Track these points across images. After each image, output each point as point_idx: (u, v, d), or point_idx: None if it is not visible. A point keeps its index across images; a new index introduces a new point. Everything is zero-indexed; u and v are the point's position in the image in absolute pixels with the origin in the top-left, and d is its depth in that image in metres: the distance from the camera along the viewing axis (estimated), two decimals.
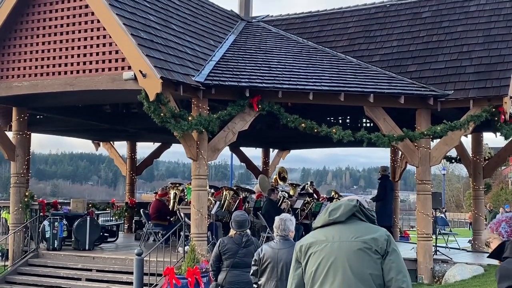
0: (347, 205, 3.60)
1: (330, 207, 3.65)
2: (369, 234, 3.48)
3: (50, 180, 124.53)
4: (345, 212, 3.57)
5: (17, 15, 11.96)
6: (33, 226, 13.58)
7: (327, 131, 11.77)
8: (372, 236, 3.46)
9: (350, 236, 3.48)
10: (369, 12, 15.89)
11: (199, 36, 13.57)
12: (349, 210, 3.57)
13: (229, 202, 14.38)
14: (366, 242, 3.44)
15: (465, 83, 12.50)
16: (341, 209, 3.59)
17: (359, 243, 3.44)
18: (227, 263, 7.31)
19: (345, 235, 3.50)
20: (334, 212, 3.59)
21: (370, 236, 3.46)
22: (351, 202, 3.61)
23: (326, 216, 3.62)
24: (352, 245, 3.44)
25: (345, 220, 3.56)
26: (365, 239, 3.45)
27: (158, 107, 10.57)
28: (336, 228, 3.56)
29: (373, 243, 3.43)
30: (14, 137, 13.61)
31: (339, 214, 3.57)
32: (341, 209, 3.59)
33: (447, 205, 56.13)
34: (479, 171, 15.75)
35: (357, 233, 3.49)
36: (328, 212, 3.62)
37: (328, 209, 3.64)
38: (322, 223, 3.63)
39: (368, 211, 3.63)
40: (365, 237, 3.46)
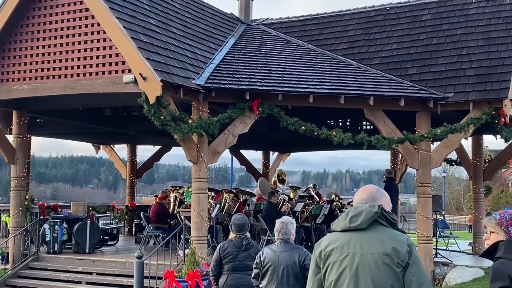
0: (369, 211, 3.44)
1: (351, 212, 3.49)
2: (391, 245, 3.36)
3: (50, 183, 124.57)
4: (367, 219, 3.42)
5: (18, 18, 11.97)
6: (33, 230, 13.57)
7: (327, 133, 11.77)
8: (394, 247, 3.35)
9: (372, 248, 3.36)
10: (369, 15, 15.90)
11: (199, 39, 13.59)
12: (370, 217, 3.43)
13: (229, 205, 14.38)
14: (388, 254, 3.33)
15: (465, 85, 12.50)
16: (362, 215, 3.44)
17: (381, 256, 3.33)
18: (227, 267, 7.31)
19: (367, 245, 3.38)
20: (355, 218, 3.44)
21: (392, 248, 3.34)
22: (373, 209, 3.45)
23: (347, 222, 3.47)
24: (374, 258, 3.34)
25: (367, 227, 3.43)
26: (386, 252, 3.33)
27: (158, 110, 10.58)
28: (357, 236, 3.43)
29: (395, 256, 3.33)
30: (14, 141, 13.62)
31: (361, 221, 3.43)
32: (362, 216, 3.43)
33: (447, 207, 56.14)
34: (479, 174, 15.74)
35: (379, 243, 3.37)
36: (348, 218, 3.47)
37: (348, 214, 3.49)
38: (342, 228, 3.50)
39: (389, 215, 3.48)
40: (387, 249, 3.35)
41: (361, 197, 3.60)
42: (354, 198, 3.67)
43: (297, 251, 6.30)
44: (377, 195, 3.58)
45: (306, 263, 6.21)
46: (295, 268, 6.19)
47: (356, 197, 3.65)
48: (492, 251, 3.73)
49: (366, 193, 3.60)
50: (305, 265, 6.20)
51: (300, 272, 6.21)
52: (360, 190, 3.68)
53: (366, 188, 3.68)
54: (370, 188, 3.66)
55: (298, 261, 6.20)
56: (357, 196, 3.65)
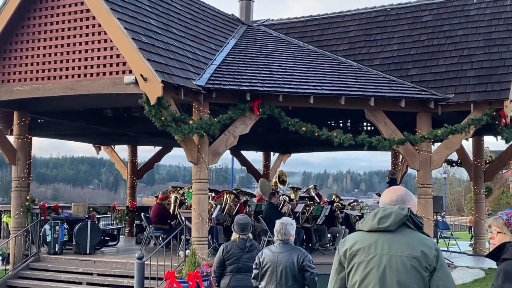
0: (398, 214, 3.40)
1: (380, 213, 3.44)
2: (419, 248, 3.34)
3: (51, 184, 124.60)
4: (396, 221, 3.39)
5: (19, 19, 11.98)
6: (34, 230, 13.57)
7: (327, 134, 11.78)
8: (422, 251, 3.33)
9: (400, 250, 3.34)
10: (369, 16, 15.91)
11: (200, 40, 13.60)
12: (400, 220, 3.39)
13: (230, 205, 14.38)
14: (416, 258, 3.31)
15: (466, 86, 12.51)
16: (391, 217, 3.40)
17: (410, 259, 3.31)
18: (230, 268, 7.29)
19: (395, 247, 3.35)
20: (384, 220, 3.41)
21: (420, 251, 3.33)
22: (403, 212, 3.41)
23: (375, 223, 3.43)
24: (403, 261, 3.31)
25: (395, 229, 3.40)
26: (415, 256, 3.32)
27: (159, 111, 10.58)
28: (385, 238, 3.40)
29: (423, 260, 3.31)
30: (15, 141, 13.63)
31: (389, 223, 3.39)
32: (391, 218, 3.40)
33: (448, 208, 56.10)
34: (480, 175, 15.74)
35: (407, 247, 3.35)
36: (377, 219, 3.43)
37: (376, 215, 3.45)
38: (369, 229, 3.46)
39: (417, 218, 3.45)
40: (416, 252, 3.33)
41: (389, 198, 3.56)
42: (382, 198, 3.63)
43: (296, 252, 6.31)
44: (406, 198, 3.55)
45: (305, 264, 6.21)
46: (294, 269, 6.19)
47: (384, 197, 3.61)
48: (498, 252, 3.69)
49: (395, 195, 3.57)
50: (304, 266, 6.21)
51: (299, 273, 6.21)
52: (389, 191, 3.64)
53: (395, 190, 3.64)
54: (399, 190, 3.62)
55: (297, 262, 6.20)
56: (385, 196, 3.61)
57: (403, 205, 3.49)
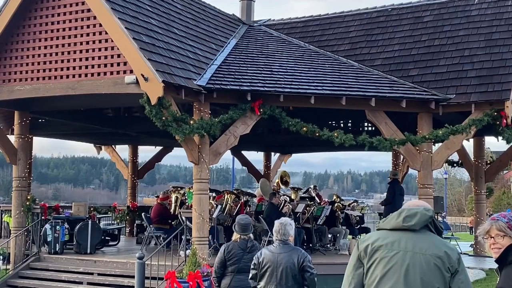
0: (424, 214, 3.47)
1: (404, 212, 3.52)
2: (443, 249, 3.40)
3: (52, 183, 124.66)
4: (421, 221, 3.46)
5: (19, 19, 11.98)
6: (35, 230, 13.58)
7: (328, 135, 11.77)
8: (446, 252, 3.39)
9: (424, 248, 3.39)
10: (370, 16, 15.90)
11: (200, 40, 13.59)
12: (425, 220, 3.46)
13: (230, 206, 14.36)
14: (440, 258, 3.36)
15: (467, 87, 12.50)
16: (416, 217, 3.47)
17: (434, 258, 3.36)
18: (232, 269, 7.28)
19: (419, 246, 3.40)
20: (409, 219, 3.47)
21: (444, 252, 3.38)
22: (428, 213, 3.49)
23: (400, 221, 3.49)
24: (427, 259, 3.36)
25: (419, 229, 3.46)
26: (439, 255, 3.37)
27: (160, 111, 10.58)
28: (408, 236, 3.45)
29: (446, 260, 3.36)
30: (16, 141, 13.63)
31: (415, 222, 3.45)
32: (416, 217, 3.46)
33: (449, 209, 56.08)
34: (481, 175, 15.74)
35: (431, 246, 3.40)
36: (402, 217, 3.49)
37: (401, 214, 3.51)
38: (392, 227, 3.52)
39: (438, 223, 3.52)
40: (440, 252, 3.38)
41: (414, 204, 3.66)
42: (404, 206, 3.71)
43: (296, 252, 6.30)
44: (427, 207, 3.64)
45: (305, 264, 6.20)
46: (294, 270, 6.18)
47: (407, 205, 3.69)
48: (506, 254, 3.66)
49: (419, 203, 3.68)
50: (304, 266, 6.20)
51: (299, 274, 6.20)
52: (413, 202, 3.76)
53: (419, 201, 3.77)
54: (422, 202, 3.74)
55: (297, 263, 6.20)
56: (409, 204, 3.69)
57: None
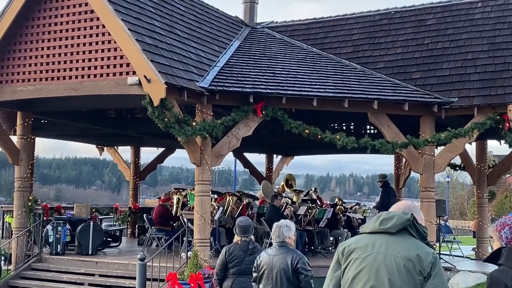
0: (401, 217, 3.48)
1: (383, 215, 3.54)
2: (416, 252, 3.38)
3: (54, 184, 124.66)
4: (397, 224, 3.46)
5: (23, 19, 12.00)
6: (37, 231, 13.58)
7: (331, 137, 11.77)
8: (418, 255, 3.36)
9: (396, 250, 3.39)
10: (373, 19, 15.89)
11: (203, 42, 13.60)
12: (401, 223, 3.46)
13: (232, 207, 14.36)
14: (411, 260, 3.35)
15: (470, 90, 12.48)
16: (393, 220, 3.48)
17: (404, 260, 3.35)
18: (233, 271, 7.27)
19: (392, 248, 3.41)
20: (386, 222, 3.48)
21: (416, 255, 3.36)
22: (405, 216, 3.48)
23: (377, 224, 3.51)
24: (397, 261, 3.36)
25: (395, 232, 3.46)
26: (410, 257, 3.35)
27: (162, 112, 10.59)
28: (384, 239, 3.47)
29: (417, 263, 3.34)
30: (18, 141, 13.64)
31: (391, 225, 3.46)
32: (393, 220, 3.47)
33: (451, 212, 56.01)
34: (483, 179, 15.71)
35: (404, 249, 3.40)
36: (379, 220, 3.52)
37: (380, 217, 3.53)
38: (371, 230, 3.54)
39: (421, 227, 3.50)
40: (412, 255, 3.36)
41: (397, 208, 3.66)
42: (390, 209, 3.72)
43: (290, 254, 6.24)
44: (413, 209, 3.63)
45: (299, 266, 6.14)
46: (288, 272, 6.13)
47: (392, 208, 3.70)
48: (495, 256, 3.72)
49: (403, 206, 3.67)
50: (298, 268, 6.14)
51: (293, 276, 6.15)
52: (398, 204, 3.75)
53: (401, 203, 3.75)
54: (408, 203, 3.73)
55: (291, 264, 6.15)
56: (394, 207, 3.70)
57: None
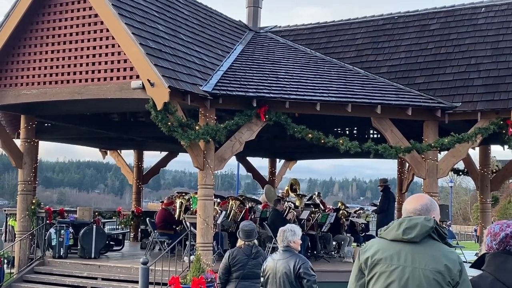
0: (424, 225, 3.35)
1: (405, 223, 3.39)
2: (443, 262, 3.30)
3: (57, 188, 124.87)
4: (422, 233, 3.34)
5: (27, 23, 12.04)
6: (40, 234, 13.59)
7: (334, 142, 11.76)
8: (446, 265, 3.29)
9: (424, 263, 3.30)
10: (377, 23, 15.90)
11: (207, 46, 13.62)
12: (425, 231, 3.35)
13: (235, 212, 14.36)
14: (440, 272, 3.27)
15: (473, 95, 12.47)
16: (417, 229, 3.34)
17: (433, 273, 3.27)
18: (236, 275, 7.27)
19: (419, 260, 3.31)
20: (409, 231, 3.35)
21: (444, 265, 3.29)
22: (429, 223, 3.36)
23: (399, 233, 3.38)
24: (426, 274, 3.28)
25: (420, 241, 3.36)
26: (439, 270, 3.27)
27: (166, 116, 10.60)
28: (408, 249, 3.35)
29: (447, 274, 3.27)
30: (22, 145, 13.67)
31: (415, 234, 3.34)
32: (417, 229, 3.34)
33: (454, 217, 55.91)
34: (486, 184, 15.68)
35: (432, 260, 3.30)
36: (402, 229, 3.38)
37: (401, 225, 3.39)
38: (393, 238, 3.41)
39: (441, 229, 3.40)
40: (440, 266, 3.28)
41: (414, 207, 3.50)
42: (406, 205, 3.55)
43: (293, 258, 6.23)
44: (431, 207, 3.50)
45: (302, 271, 6.12)
46: (290, 276, 6.13)
47: (408, 204, 3.54)
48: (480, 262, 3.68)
49: (420, 203, 3.50)
50: (300, 273, 6.12)
51: (296, 280, 6.14)
52: (413, 199, 3.58)
53: (420, 198, 3.57)
54: (424, 199, 3.55)
55: (293, 269, 6.14)
56: (410, 204, 3.54)
57: (427, 214, 3.42)
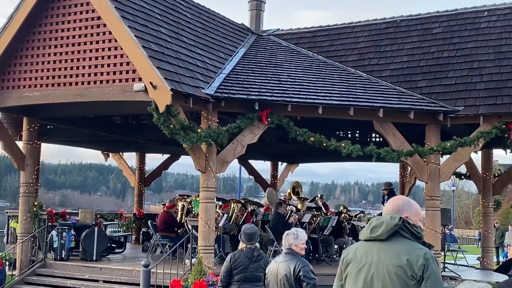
0: (389, 223, 3.46)
1: (373, 222, 3.54)
2: (405, 257, 3.37)
3: (59, 190, 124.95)
4: (387, 230, 3.45)
5: (30, 25, 12.06)
6: (41, 236, 13.60)
7: (336, 145, 11.76)
8: (408, 260, 3.36)
9: (387, 259, 3.40)
10: (379, 27, 15.91)
11: (209, 49, 13.63)
12: (390, 228, 3.45)
13: (237, 215, 14.36)
14: (401, 266, 3.35)
15: (475, 99, 12.47)
16: (382, 226, 3.47)
17: (395, 267, 3.36)
18: (238, 277, 7.27)
19: (383, 256, 3.42)
20: (376, 229, 3.49)
21: (406, 260, 3.36)
22: (393, 221, 3.46)
23: (368, 232, 3.53)
24: (388, 269, 3.38)
25: (387, 238, 3.45)
26: (400, 264, 3.36)
27: (168, 119, 10.60)
28: (376, 247, 3.47)
29: (408, 268, 3.34)
30: (24, 147, 13.68)
31: (380, 232, 3.46)
32: (382, 227, 3.47)
33: (456, 221, 55.80)
34: (488, 188, 15.66)
35: (394, 255, 3.40)
36: (370, 228, 3.53)
37: (371, 225, 3.55)
38: (364, 238, 3.56)
39: (413, 228, 3.48)
40: (401, 261, 3.37)
41: (387, 209, 3.63)
42: (384, 208, 3.71)
43: (294, 261, 6.21)
44: (403, 207, 3.59)
45: (301, 274, 6.09)
46: (290, 279, 6.11)
47: (384, 208, 3.69)
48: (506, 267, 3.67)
49: (392, 205, 3.61)
50: (299, 276, 6.09)
51: (296, 283, 6.12)
52: (390, 201, 3.70)
53: (394, 199, 3.70)
54: (398, 200, 3.67)
55: (293, 272, 6.12)
56: (385, 207, 3.68)
57: (399, 214, 3.51)
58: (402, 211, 3.57)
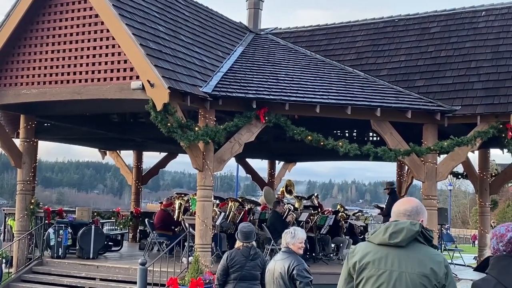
0: (410, 230, 3.39)
1: (391, 228, 3.43)
2: (429, 266, 3.34)
3: (56, 188, 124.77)
4: (408, 237, 3.39)
5: (27, 23, 12.04)
6: (38, 234, 13.59)
7: (333, 144, 11.76)
8: (432, 269, 3.33)
9: (410, 267, 3.34)
10: (377, 26, 15.91)
11: (207, 47, 13.63)
12: (411, 236, 3.38)
13: (234, 213, 14.36)
14: (426, 276, 3.32)
15: (473, 99, 12.48)
16: (403, 233, 3.38)
17: (420, 277, 3.32)
18: (234, 276, 7.27)
19: (406, 264, 3.36)
20: (395, 235, 3.39)
21: (430, 269, 3.33)
22: (414, 227, 3.40)
23: (386, 237, 3.42)
24: (413, 278, 3.32)
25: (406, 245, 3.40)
26: (425, 273, 3.32)
27: (165, 117, 10.60)
28: (395, 253, 3.39)
29: (433, 277, 3.32)
30: (21, 145, 13.66)
31: (401, 239, 3.38)
32: (403, 234, 3.38)
33: (453, 221, 55.90)
34: (485, 188, 15.68)
35: (418, 264, 3.35)
36: (388, 234, 3.42)
37: (388, 230, 3.43)
38: (379, 242, 3.45)
39: (427, 232, 3.44)
40: (426, 270, 3.33)
41: (405, 208, 3.55)
42: (395, 208, 3.60)
43: (289, 259, 6.23)
44: (420, 210, 3.56)
45: (295, 272, 6.10)
46: (284, 277, 6.14)
47: (398, 207, 3.59)
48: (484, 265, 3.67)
49: (411, 205, 3.55)
50: (293, 274, 6.10)
51: (290, 281, 6.13)
52: (405, 201, 3.64)
53: (411, 200, 3.63)
54: (415, 202, 3.61)
55: (287, 270, 6.14)
56: (400, 206, 3.59)
57: (417, 217, 3.47)
58: (419, 214, 3.52)
